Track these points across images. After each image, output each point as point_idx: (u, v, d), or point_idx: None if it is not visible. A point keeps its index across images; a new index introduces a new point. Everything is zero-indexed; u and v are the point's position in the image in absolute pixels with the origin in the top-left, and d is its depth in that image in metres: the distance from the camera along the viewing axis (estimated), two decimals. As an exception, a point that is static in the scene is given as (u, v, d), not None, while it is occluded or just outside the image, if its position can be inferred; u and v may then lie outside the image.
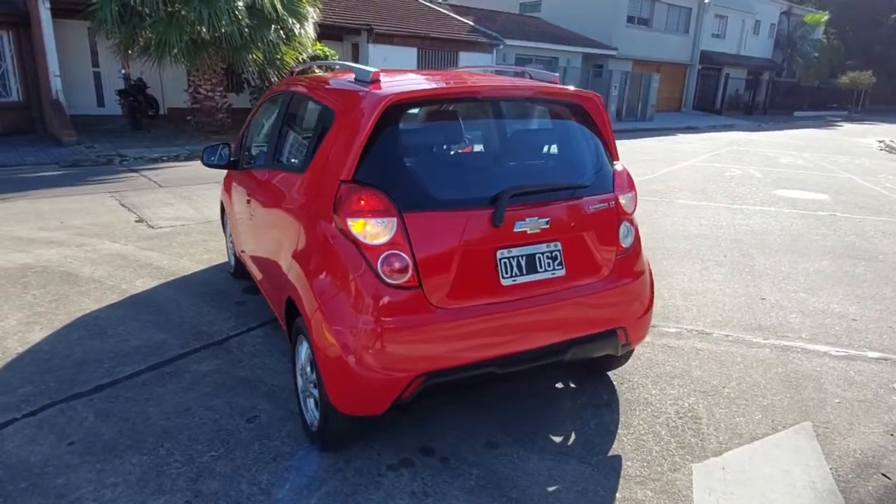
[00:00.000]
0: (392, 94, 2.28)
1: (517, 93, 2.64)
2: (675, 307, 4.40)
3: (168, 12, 11.67)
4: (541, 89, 2.61)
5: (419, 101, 2.46)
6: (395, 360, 2.24)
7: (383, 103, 2.25)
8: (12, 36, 13.20)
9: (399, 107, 2.33)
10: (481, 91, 2.47)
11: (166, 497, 2.32)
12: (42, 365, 3.36)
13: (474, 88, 2.49)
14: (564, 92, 2.69)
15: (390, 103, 2.27)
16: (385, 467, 2.51)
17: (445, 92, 2.48)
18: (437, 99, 2.54)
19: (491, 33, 21.45)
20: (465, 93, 2.52)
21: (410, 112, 2.49)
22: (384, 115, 2.27)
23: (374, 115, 2.25)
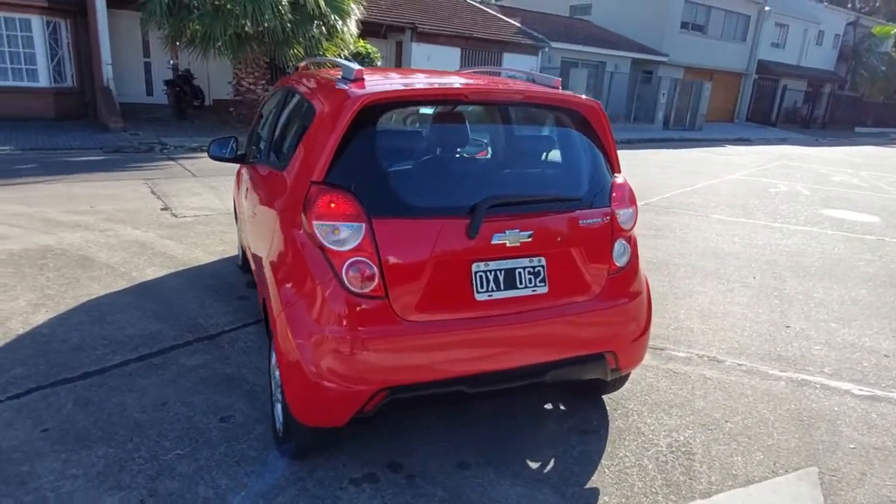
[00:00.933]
0: (369, 93, 2.18)
1: (506, 97, 2.50)
2: (690, 330, 4.16)
3: (214, 6, 11.91)
4: (534, 94, 2.46)
5: (399, 102, 2.35)
6: (356, 373, 2.14)
7: (359, 102, 2.16)
8: (69, 24, 13.73)
9: (377, 107, 2.23)
10: (467, 93, 2.34)
11: (122, 494, 2.28)
12: (38, 348, 3.40)
13: (459, 90, 2.36)
14: (561, 98, 2.53)
15: (367, 103, 2.17)
16: (348, 481, 2.41)
17: (427, 93, 2.36)
18: (419, 100, 2.42)
19: (536, 35, 21.18)
20: (450, 95, 2.39)
21: (390, 113, 2.39)
22: (360, 114, 2.17)
23: (349, 115, 2.15)
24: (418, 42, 18.44)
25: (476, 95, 2.35)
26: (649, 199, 9.21)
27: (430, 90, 2.35)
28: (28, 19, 12.98)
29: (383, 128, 2.34)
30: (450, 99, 2.44)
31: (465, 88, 2.35)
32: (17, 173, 8.64)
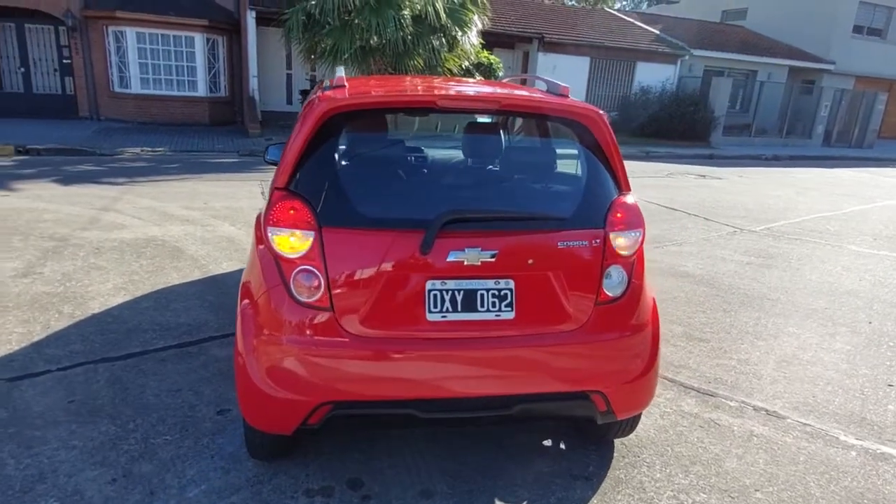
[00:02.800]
0: (335, 101, 2.13)
1: (480, 105, 2.31)
2: (758, 376, 3.59)
3: (343, 21, 12.68)
4: (514, 102, 2.25)
5: (365, 110, 2.27)
6: (296, 382, 2.10)
7: (323, 110, 2.12)
8: (225, 41, 15.41)
9: (344, 115, 2.18)
10: (435, 101, 2.19)
11: (101, 470, 2.45)
12: (102, 327, 3.80)
13: (426, 98, 2.23)
14: (551, 106, 2.30)
15: (332, 110, 2.13)
16: (302, 491, 2.38)
17: (394, 101, 2.26)
18: (386, 107, 2.33)
19: (676, 42, 19.91)
20: (417, 103, 2.27)
21: (358, 121, 2.32)
22: (324, 122, 2.14)
23: (312, 122, 2.13)
24: (545, 52, 18.19)
25: (445, 103, 2.20)
26: (773, 223, 8.21)
27: (397, 98, 2.25)
28: (192, 37, 14.77)
29: (349, 136, 2.29)
30: (418, 107, 2.32)
31: (434, 96, 2.22)
32: (162, 171, 9.85)
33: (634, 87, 19.66)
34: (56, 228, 5.93)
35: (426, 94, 2.23)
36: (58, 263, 4.91)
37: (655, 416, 3.08)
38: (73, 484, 2.36)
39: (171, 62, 14.81)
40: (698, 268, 5.82)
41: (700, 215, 8.52)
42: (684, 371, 3.60)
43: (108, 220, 6.42)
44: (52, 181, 8.43)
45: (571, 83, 12.18)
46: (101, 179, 8.84)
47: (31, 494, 2.29)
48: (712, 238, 7.16)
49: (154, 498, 2.31)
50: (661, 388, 3.38)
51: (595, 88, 19.64)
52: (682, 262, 5.97)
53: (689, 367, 3.66)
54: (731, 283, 5.38)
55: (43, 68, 14.71)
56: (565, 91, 2.48)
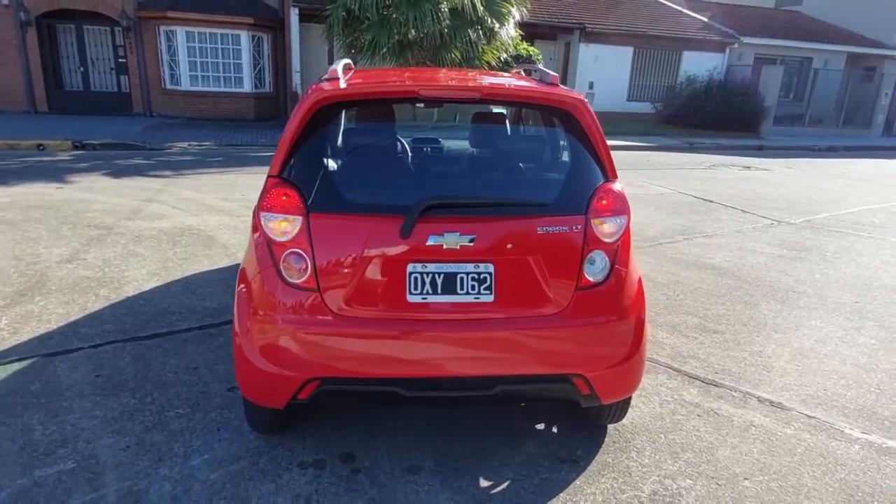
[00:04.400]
0: (323, 93, 2.24)
1: (463, 94, 2.36)
2: (769, 368, 3.53)
3: (381, 16, 12.85)
4: (497, 91, 2.30)
5: (351, 100, 2.37)
6: (285, 358, 2.23)
7: (312, 100, 2.24)
8: (270, 38, 15.85)
9: (332, 105, 2.29)
10: (418, 90, 2.26)
11: (117, 438, 2.66)
12: (133, 309, 4.06)
13: (410, 88, 2.31)
14: (539, 94, 2.33)
15: (320, 101, 2.24)
16: (297, 463, 2.52)
17: (379, 91, 2.34)
18: (372, 98, 2.41)
19: (725, 30, 19.25)
20: (401, 93, 2.34)
21: (347, 111, 2.42)
22: (313, 112, 2.25)
23: (302, 112, 2.25)
24: (586, 43, 17.93)
25: (427, 92, 2.27)
26: (814, 216, 7.91)
27: (381, 88, 2.33)
28: (238, 34, 15.26)
29: (338, 125, 2.39)
30: (401, 97, 2.40)
31: (416, 86, 2.29)
32: (206, 164, 10.27)
33: (680, 77, 19.14)
34: (102, 218, 6.31)
35: (409, 84, 2.31)
36: (100, 250, 5.24)
37: (654, 405, 3.08)
38: (91, 449, 2.57)
39: (218, 59, 15.36)
40: (725, 260, 5.70)
41: (737, 207, 8.29)
42: (692, 361, 3.57)
43: (151, 210, 6.78)
44: (103, 174, 8.94)
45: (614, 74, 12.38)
46: (148, 172, 9.31)
47: (53, 457, 2.51)
48: (746, 230, 6.97)
49: (161, 464, 2.49)
50: (665, 377, 3.38)
51: (638, 79, 19.23)
52: (709, 254, 5.85)
53: (697, 358, 3.62)
54: (758, 276, 5.25)
55: (100, 67, 15.52)
56: (555, 80, 2.51)
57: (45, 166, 9.41)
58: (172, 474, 2.43)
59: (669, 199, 8.64)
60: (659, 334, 3.94)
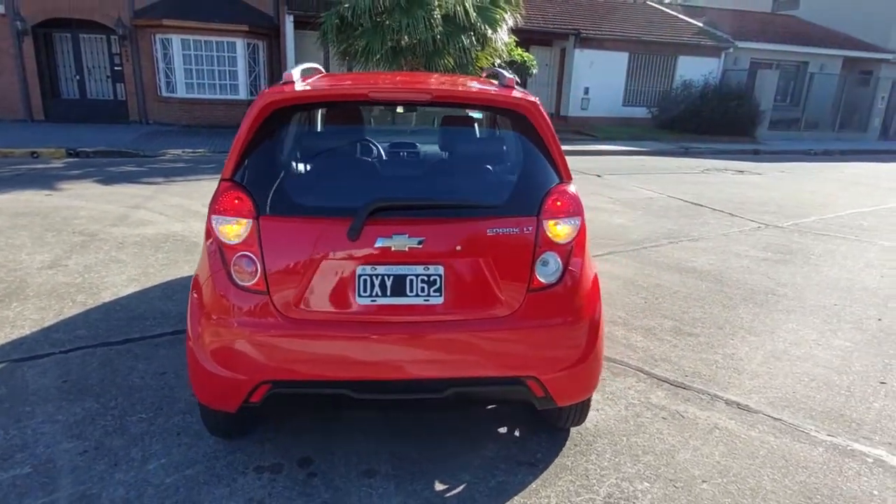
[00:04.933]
0: (272, 96, 2.25)
1: (411, 96, 2.37)
2: (740, 371, 3.51)
3: (374, 22, 12.92)
4: (445, 93, 2.30)
5: (301, 104, 2.37)
6: (234, 361, 2.23)
7: (261, 104, 2.25)
8: (265, 45, 15.93)
9: (283, 109, 2.30)
10: (367, 93, 2.27)
11: (76, 443, 2.65)
12: (107, 314, 4.07)
13: (359, 91, 2.32)
14: (490, 97, 2.34)
15: (270, 104, 2.25)
16: (253, 468, 2.51)
17: (328, 94, 2.35)
18: (321, 101, 2.42)
19: (719, 35, 19.30)
20: (350, 96, 2.35)
21: (297, 114, 2.43)
22: (265, 116, 2.26)
23: (252, 116, 2.25)
24: (581, 48, 17.98)
25: (376, 95, 2.28)
26: (803, 219, 7.90)
27: (331, 91, 2.34)
28: (234, 42, 15.35)
29: (290, 128, 2.39)
30: (351, 100, 2.41)
31: (366, 89, 2.30)
32: (199, 171, 10.31)
33: (676, 82, 19.17)
34: (88, 225, 6.33)
35: (359, 87, 2.32)
36: (82, 257, 5.26)
37: (620, 407, 3.07)
38: (49, 454, 2.57)
39: (213, 67, 15.44)
40: (708, 263, 5.69)
41: (726, 211, 8.28)
42: (663, 364, 3.56)
43: (137, 217, 6.81)
44: (94, 181, 8.98)
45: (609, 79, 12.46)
46: (139, 179, 9.35)
47: (10, 462, 2.50)
48: (732, 234, 6.96)
49: (116, 469, 2.48)
50: (635, 380, 3.37)
51: (634, 84, 19.26)
52: (692, 258, 5.84)
53: (669, 361, 3.61)
54: (739, 279, 5.24)
55: (96, 75, 15.61)
56: (510, 82, 2.52)
57: (38, 174, 9.45)
58: (127, 479, 2.43)
59: (658, 203, 8.63)
60: (633, 337, 3.93)
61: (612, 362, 3.56)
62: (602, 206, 8.28)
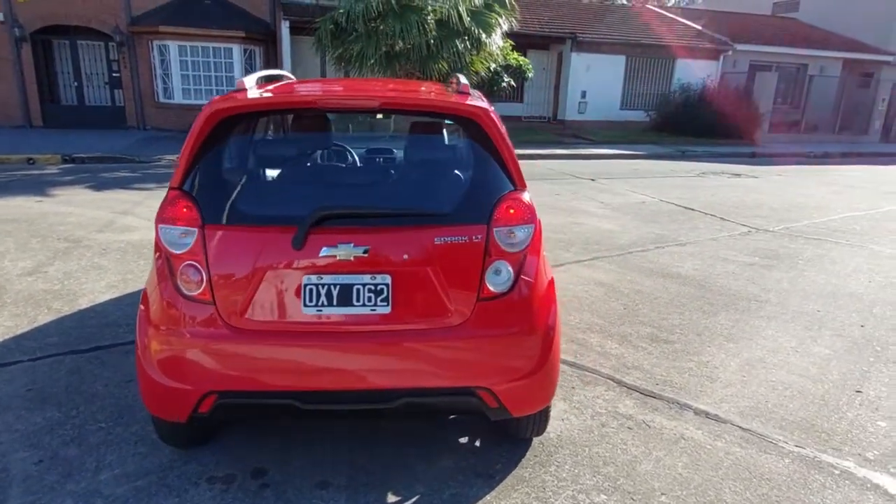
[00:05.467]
0: (218, 105, 2.24)
1: (359, 104, 2.35)
2: (713, 379, 3.47)
3: (368, 28, 12.93)
4: (393, 100, 2.28)
5: (248, 112, 2.36)
6: (181, 372, 2.21)
7: (207, 112, 2.23)
8: (261, 51, 15.97)
9: (230, 118, 2.29)
10: (314, 101, 2.25)
11: (32, 452, 2.63)
12: (81, 321, 4.06)
13: (306, 98, 2.30)
14: (439, 104, 2.32)
15: (216, 112, 2.24)
16: (206, 478, 2.49)
17: (276, 102, 2.33)
18: (269, 109, 2.40)
19: (719, 38, 19.23)
20: (298, 103, 2.33)
21: (245, 123, 2.41)
22: (212, 124, 2.25)
23: (199, 124, 2.24)
24: (578, 52, 17.96)
25: (324, 103, 2.26)
26: (794, 223, 7.83)
27: (278, 99, 2.32)
28: (231, 48, 15.40)
29: (239, 136, 2.38)
30: (299, 107, 2.39)
31: (314, 97, 2.28)
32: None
33: (674, 85, 19.12)
34: (74, 231, 6.33)
35: (306, 95, 2.30)
36: (64, 263, 5.26)
37: (586, 417, 3.03)
38: (3, 463, 2.55)
39: (210, 73, 15.49)
40: (693, 268, 5.64)
41: (717, 215, 8.22)
42: (635, 372, 3.52)
43: (124, 223, 6.81)
44: (86, 187, 9.00)
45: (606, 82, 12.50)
46: (131, 185, 9.37)
47: (-37, 472, 2.49)
48: (721, 238, 6.91)
49: (69, 479, 2.46)
50: (604, 388, 3.32)
51: (632, 87, 19.22)
52: (677, 263, 5.80)
53: (641, 369, 3.57)
54: (723, 285, 5.19)
55: (95, 82, 15.69)
56: (465, 89, 2.50)
57: (32, 180, 9.49)
58: (78, 489, 2.41)
59: (650, 208, 8.58)
60: (608, 345, 3.89)
61: (583, 370, 3.52)
62: (592, 210, 8.24)
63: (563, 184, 10.33)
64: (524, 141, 15.52)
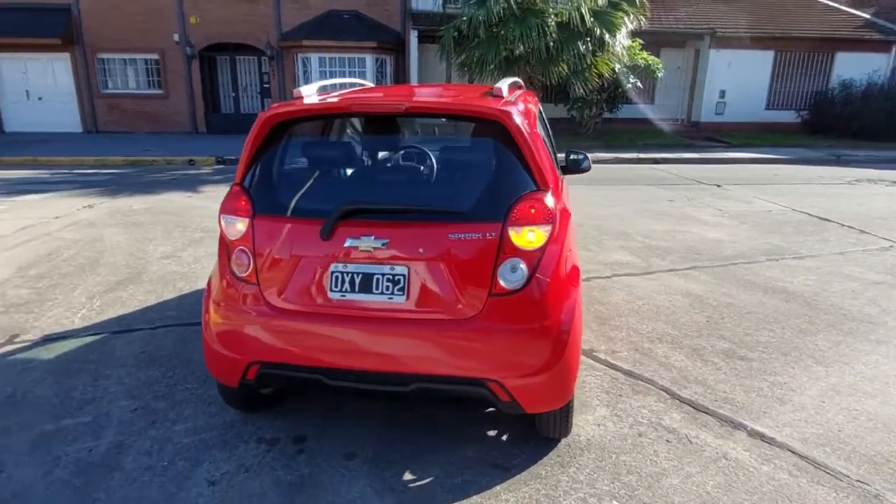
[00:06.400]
0: (269, 112, 2.55)
1: (388, 109, 2.51)
2: (784, 401, 3.19)
3: (489, 34, 13.18)
4: (420, 104, 2.42)
5: (296, 117, 2.62)
6: (229, 342, 2.55)
7: (262, 119, 2.55)
8: (392, 60, 16.90)
9: (282, 122, 2.59)
10: (347, 106, 2.47)
11: (131, 401, 3.16)
12: (196, 299, 4.69)
13: (340, 105, 2.51)
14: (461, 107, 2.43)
15: (270, 117, 2.55)
16: (255, 438, 2.83)
17: (318, 108, 2.56)
18: (313, 115, 2.64)
19: (889, 27, 16.91)
20: (333, 109, 2.55)
21: (296, 126, 2.67)
22: (268, 128, 2.57)
23: (255, 129, 2.57)
24: (717, 48, 16.77)
25: (356, 108, 2.47)
26: (953, 239, 6.75)
27: (317, 106, 2.55)
28: (364, 57, 16.49)
29: (288, 138, 2.65)
30: (335, 112, 2.61)
31: (347, 102, 2.50)
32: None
33: (832, 82, 17.13)
34: (210, 223, 7.26)
35: (340, 102, 2.53)
36: (195, 249, 6.08)
37: (624, 425, 2.96)
38: (108, 409, 3.10)
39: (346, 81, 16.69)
40: (804, 284, 5.13)
41: (856, 227, 7.33)
42: (694, 386, 3.35)
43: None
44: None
45: (750, 80, 11.93)
46: (266, 184, 10.43)
47: (81, 411, 3.06)
48: (852, 253, 6.17)
49: (152, 426, 2.93)
50: (654, 399, 3.22)
51: (780, 85, 17.54)
52: (787, 277, 5.30)
53: (703, 384, 3.38)
54: (835, 303, 4.67)
55: (249, 92, 17.62)
56: (498, 92, 2.60)
57: (189, 178, 10.95)
58: (157, 435, 2.86)
59: (775, 217, 7.87)
60: (673, 356, 3.72)
61: (637, 380, 3.42)
62: (704, 218, 7.74)
63: (682, 189, 9.79)
64: (649, 144, 14.86)
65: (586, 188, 10.00)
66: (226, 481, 2.53)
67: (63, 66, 16.81)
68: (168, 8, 16.43)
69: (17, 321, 4.23)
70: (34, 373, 3.48)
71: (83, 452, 2.72)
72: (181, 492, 2.46)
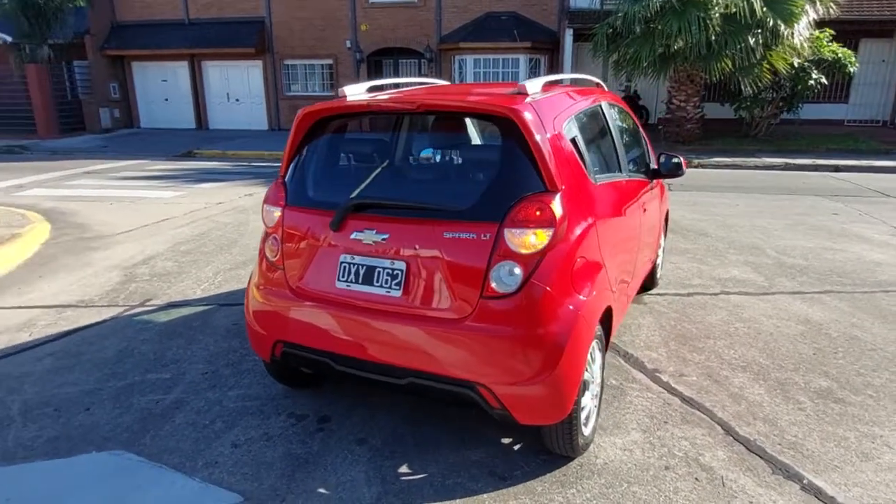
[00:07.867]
0: (303, 111, 2.74)
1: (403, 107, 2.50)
2: (869, 458, 2.65)
3: (644, 29, 12.46)
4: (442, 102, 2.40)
5: (327, 116, 2.74)
6: (259, 320, 2.81)
7: (298, 118, 2.76)
8: (546, 59, 16.74)
9: (318, 120, 2.77)
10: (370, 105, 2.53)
11: (205, 365, 3.60)
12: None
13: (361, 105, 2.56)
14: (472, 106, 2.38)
15: (304, 117, 2.75)
16: (287, 412, 3.07)
17: (341, 108, 2.65)
18: (338, 114, 2.72)
19: None
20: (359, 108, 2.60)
21: (331, 123, 2.80)
22: (305, 126, 2.77)
23: (293, 127, 2.79)
24: (936, 36, 14.00)
25: (375, 107, 2.53)
26: None
27: (344, 104, 2.64)
28: (517, 58, 16.58)
29: (321, 135, 2.80)
30: (357, 111, 2.68)
31: (368, 101, 2.56)
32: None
33: None
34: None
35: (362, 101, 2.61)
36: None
37: (653, 454, 2.70)
38: (186, 368, 3.57)
39: (499, 81, 16.90)
40: (972, 323, 4.16)
41: None
42: (760, 425, 2.92)
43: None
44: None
45: None
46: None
47: (165, 368, 3.57)
48: None
49: (212, 389, 3.32)
50: (701, 431, 2.88)
51: None
52: (950, 313, 4.34)
53: (772, 423, 2.93)
54: None
55: (408, 94, 18.64)
56: (522, 88, 2.52)
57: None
58: (212, 397, 3.24)
59: (970, 240, 6.43)
60: (750, 388, 3.27)
61: (694, 408, 3.08)
62: (870, 236, 6.58)
63: (856, 202, 8.39)
64: (832, 150, 12.92)
65: (731, 196, 9.07)
66: (247, 446, 2.79)
67: (256, 72, 19.29)
68: (343, 17, 18.02)
69: (154, 288, 5.02)
70: (147, 333, 4.11)
71: (152, 403, 3.18)
72: (208, 449, 2.77)
